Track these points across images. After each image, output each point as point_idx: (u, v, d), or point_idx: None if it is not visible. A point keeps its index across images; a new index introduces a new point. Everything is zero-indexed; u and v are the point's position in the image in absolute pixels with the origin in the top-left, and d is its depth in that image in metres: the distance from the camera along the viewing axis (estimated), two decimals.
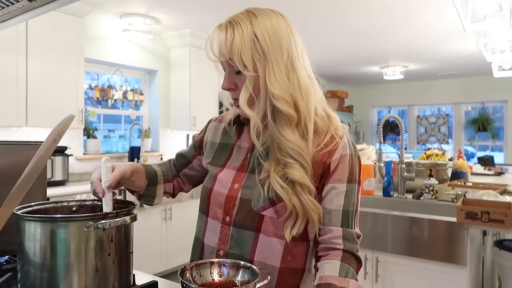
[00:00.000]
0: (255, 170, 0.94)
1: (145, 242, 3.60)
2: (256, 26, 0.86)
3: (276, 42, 0.87)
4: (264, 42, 0.86)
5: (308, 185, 0.87)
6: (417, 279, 2.06)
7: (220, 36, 0.88)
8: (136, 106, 4.59)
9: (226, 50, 0.87)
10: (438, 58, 5.87)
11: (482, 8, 2.76)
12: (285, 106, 0.86)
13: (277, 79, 0.86)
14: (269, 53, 0.86)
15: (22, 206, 0.88)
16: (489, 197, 2.06)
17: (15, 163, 1.13)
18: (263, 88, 0.87)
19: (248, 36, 0.85)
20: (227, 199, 0.94)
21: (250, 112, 0.88)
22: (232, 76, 0.91)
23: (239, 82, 0.90)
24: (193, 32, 4.41)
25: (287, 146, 0.87)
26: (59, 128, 0.86)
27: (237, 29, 0.86)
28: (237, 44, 0.85)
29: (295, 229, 0.88)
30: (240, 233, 0.92)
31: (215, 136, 1.07)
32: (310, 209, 0.87)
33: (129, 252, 0.89)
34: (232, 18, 0.89)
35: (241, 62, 0.85)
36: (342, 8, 3.76)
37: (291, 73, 0.88)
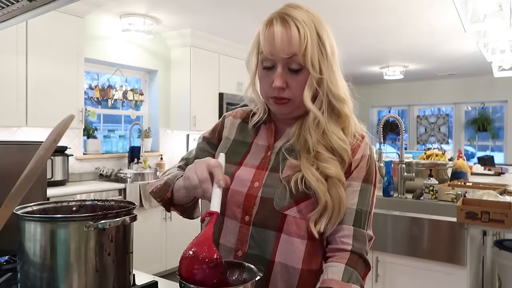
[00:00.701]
0: (277, 168, 0.92)
1: (145, 242, 3.60)
2: (319, 28, 0.88)
3: (332, 44, 0.90)
4: (326, 43, 0.88)
5: (343, 180, 0.88)
6: (417, 279, 2.06)
7: (290, 31, 0.85)
8: (136, 106, 4.59)
9: (297, 47, 0.85)
10: (438, 58, 5.87)
11: (482, 8, 2.76)
12: (343, 106, 0.90)
13: (337, 80, 0.90)
14: (329, 54, 0.88)
15: (22, 206, 0.88)
16: (489, 197, 2.06)
17: (15, 163, 1.13)
18: (324, 88, 0.89)
19: (314, 37, 0.86)
20: (247, 198, 0.92)
21: (314, 107, 0.89)
22: (285, 74, 0.88)
23: (291, 81, 0.88)
24: (193, 32, 4.41)
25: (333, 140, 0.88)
26: (59, 128, 0.86)
27: (303, 27, 0.85)
28: (309, 42, 0.85)
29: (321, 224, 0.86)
30: (261, 233, 0.90)
31: (230, 132, 1.04)
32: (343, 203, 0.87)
33: (129, 252, 0.89)
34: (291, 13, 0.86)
35: (311, 62, 0.85)
36: (342, 8, 3.76)
37: (342, 75, 0.93)
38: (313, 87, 0.88)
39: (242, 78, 5.07)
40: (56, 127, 0.87)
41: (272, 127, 0.99)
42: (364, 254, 0.88)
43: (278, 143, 0.97)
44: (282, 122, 0.99)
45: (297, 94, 0.89)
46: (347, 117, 0.91)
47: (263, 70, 0.91)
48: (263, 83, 0.93)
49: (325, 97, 0.89)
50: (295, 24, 0.85)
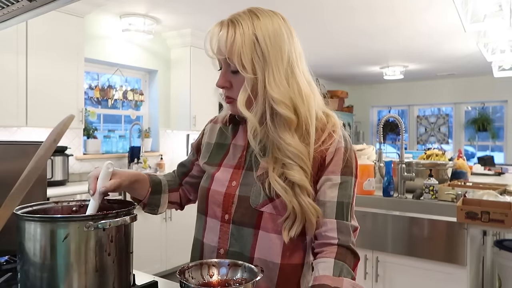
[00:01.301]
0: (252, 167, 0.94)
1: (145, 242, 3.60)
2: (257, 28, 0.87)
3: (277, 46, 0.87)
4: (264, 45, 0.86)
5: (307, 187, 0.88)
6: (417, 279, 2.06)
7: (221, 34, 0.87)
8: (136, 106, 4.59)
9: (226, 49, 0.87)
10: (438, 58, 5.87)
11: (482, 8, 2.76)
12: (285, 110, 0.87)
13: (277, 83, 0.87)
14: (269, 56, 0.86)
15: (22, 206, 0.88)
16: (489, 197, 2.06)
17: (15, 163, 1.13)
18: (262, 91, 0.87)
19: (249, 37, 0.86)
20: (225, 197, 0.94)
21: (248, 113, 0.88)
22: (228, 74, 0.91)
23: (234, 81, 0.91)
24: (193, 32, 4.41)
25: (286, 149, 0.87)
26: (59, 128, 0.86)
27: (239, 28, 0.86)
28: (237, 44, 0.85)
29: (293, 230, 0.88)
30: (240, 230, 0.92)
31: (211, 137, 1.08)
32: (310, 211, 0.87)
33: (129, 252, 0.89)
34: (234, 16, 0.90)
35: (240, 63, 0.86)
36: (343, 8, 3.76)
37: (290, 78, 0.89)
38: (247, 90, 0.87)
39: None
40: (56, 127, 0.87)
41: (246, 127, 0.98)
42: (351, 246, 0.87)
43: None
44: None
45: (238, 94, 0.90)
46: (293, 121, 0.87)
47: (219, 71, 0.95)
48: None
49: (265, 101, 0.88)
50: (227, 26, 0.87)
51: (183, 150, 4.91)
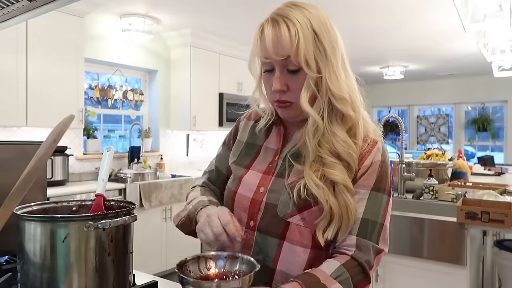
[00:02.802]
0: (283, 173, 0.90)
1: (145, 242, 3.60)
2: (313, 22, 0.83)
3: (332, 39, 0.85)
4: (324, 40, 0.83)
5: (350, 186, 0.83)
6: (417, 279, 2.06)
7: (282, 33, 0.81)
8: (136, 106, 4.59)
9: (289, 47, 0.81)
10: (438, 58, 5.87)
11: (482, 8, 2.76)
12: (346, 107, 0.85)
13: (337, 79, 0.84)
14: (329, 52, 0.84)
15: (22, 206, 0.88)
16: (489, 197, 2.06)
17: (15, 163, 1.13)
18: (324, 88, 0.84)
19: (309, 32, 0.81)
20: (252, 203, 0.90)
21: (313, 111, 0.84)
22: (284, 76, 0.85)
23: (291, 83, 0.85)
24: (193, 32, 4.41)
25: (337, 145, 0.84)
26: (59, 128, 0.86)
27: (298, 25, 0.81)
28: (301, 41, 0.80)
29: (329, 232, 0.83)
30: (264, 239, 0.88)
31: (242, 135, 1.02)
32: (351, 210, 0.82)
33: (129, 252, 0.89)
34: (283, 12, 0.83)
35: (305, 61, 0.81)
36: (343, 8, 3.76)
37: (346, 73, 0.87)
38: (311, 88, 0.83)
39: (242, 78, 5.07)
40: (56, 127, 0.87)
41: (281, 131, 0.96)
42: (364, 263, 0.81)
43: (287, 147, 0.94)
44: (292, 125, 0.95)
45: (299, 96, 0.85)
46: (351, 118, 0.86)
47: (265, 74, 0.88)
48: (266, 87, 0.90)
49: (326, 98, 0.84)
50: (285, 23, 0.81)
51: (183, 150, 4.91)
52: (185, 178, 4.07)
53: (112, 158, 0.97)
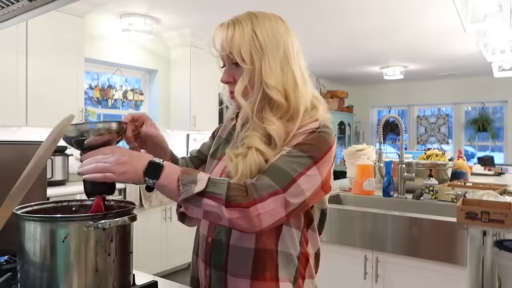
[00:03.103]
0: None
1: (145, 242, 3.60)
2: (256, 25, 0.93)
3: (274, 39, 0.93)
4: (262, 39, 0.92)
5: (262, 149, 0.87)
6: (417, 279, 2.06)
7: (222, 32, 0.94)
8: (136, 106, 4.59)
9: (227, 44, 0.92)
10: (438, 58, 5.87)
11: (482, 8, 2.76)
12: (277, 95, 0.91)
13: (272, 70, 0.91)
14: (266, 48, 0.92)
15: (22, 206, 0.88)
16: (489, 197, 2.06)
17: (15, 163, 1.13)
18: (258, 79, 0.92)
19: (248, 33, 0.92)
20: None
21: (244, 101, 0.92)
22: (231, 70, 0.96)
23: (237, 76, 0.95)
24: (193, 32, 4.41)
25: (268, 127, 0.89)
26: (59, 128, 0.86)
27: (238, 26, 0.92)
28: (237, 39, 0.91)
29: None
30: None
31: (223, 131, 1.13)
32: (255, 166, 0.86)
33: (129, 252, 0.89)
34: (234, 17, 0.96)
35: (240, 56, 0.91)
36: (342, 8, 3.76)
37: (285, 67, 0.93)
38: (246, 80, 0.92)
39: None
40: (56, 127, 0.87)
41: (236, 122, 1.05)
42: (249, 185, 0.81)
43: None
44: None
45: None
46: (283, 106, 0.91)
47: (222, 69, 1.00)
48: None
49: (260, 88, 0.92)
50: (227, 24, 0.94)
51: (183, 150, 4.90)
52: None
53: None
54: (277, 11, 0.99)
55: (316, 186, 0.87)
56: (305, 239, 0.97)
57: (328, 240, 2.26)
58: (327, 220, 1.03)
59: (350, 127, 8.12)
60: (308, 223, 0.98)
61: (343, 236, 2.24)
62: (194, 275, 1.07)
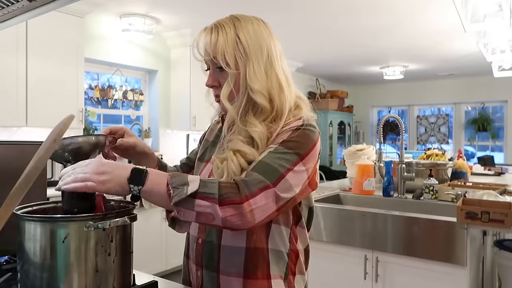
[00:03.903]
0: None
1: (145, 242, 3.60)
2: (239, 29, 0.94)
3: (257, 43, 0.94)
4: (246, 43, 0.93)
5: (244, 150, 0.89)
6: (417, 279, 2.06)
7: (206, 37, 0.95)
8: (136, 106, 4.59)
9: (211, 49, 0.93)
10: (438, 58, 5.87)
11: (482, 8, 2.76)
12: (261, 99, 0.92)
13: (256, 75, 0.93)
14: (250, 52, 0.93)
15: (22, 206, 0.88)
16: (489, 197, 2.06)
17: (15, 163, 1.13)
18: (243, 83, 0.93)
19: (231, 37, 0.93)
20: None
21: (229, 105, 0.94)
22: (215, 74, 0.98)
23: (222, 80, 0.96)
24: (193, 32, 4.41)
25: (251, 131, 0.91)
26: (59, 128, 0.86)
27: (221, 30, 0.93)
28: (220, 44, 0.92)
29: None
30: None
31: (210, 135, 1.15)
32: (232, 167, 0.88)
33: (129, 252, 0.89)
34: (217, 21, 0.96)
35: (224, 60, 0.92)
36: (342, 8, 3.76)
37: (269, 71, 0.95)
38: (231, 84, 0.93)
39: None
40: (56, 127, 0.87)
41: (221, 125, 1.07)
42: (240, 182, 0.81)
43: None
44: None
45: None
46: (267, 110, 0.93)
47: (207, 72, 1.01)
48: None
49: (245, 92, 0.93)
50: (210, 29, 0.95)
51: (183, 150, 4.90)
52: None
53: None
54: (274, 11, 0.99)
55: (303, 181, 0.89)
56: (294, 236, 0.98)
57: (328, 240, 2.26)
58: (327, 220, 1.04)
59: (350, 127, 8.12)
60: (296, 220, 0.99)
61: (343, 236, 2.24)
62: (185, 277, 1.08)
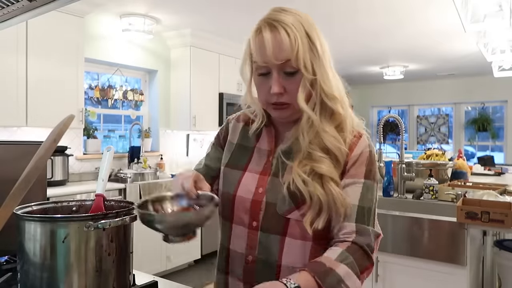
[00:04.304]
0: (278, 172, 0.93)
1: (145, 242, 3.59)
2: (305, 26, 0.87)
3: (322, 42, 0.90)
4: (316, 42, 0.88)
5: (335, 178, 0.87)
6: (417, 279, 2.06)
7: (280, 37, 0.84)
8: (136, 106, 4.59)
9: (289, 52, 0.84)
10: (438, 58, 5.87)
11: (482, 8, 2.76)
12: (336, 105, 0.89)
13: (329, 79, 0.89)
14: (320, 53, 0.88)
15: (22, 206, 0.88)
16: (489, 197, 2.06)
17: (15, 163, 1.13)
18: (316, 88, 0.88)
19: (304, 36, 0.86)
20: (253, 204, 0.93)
21: (310, 111, 0.88)
22: (281, 79, 0.88)
23: (288, 85, 0.88)
24: (193, 32, 4.41)
25: (326, 140, 0.88)
26: (59, 128, 0.86)
27: (290, 29, 0.85)
28: (300, 45, 0.85)
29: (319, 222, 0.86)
30: (267, 237, 0.91)
31: (233, 136, 1.04)
32: (338, 199, 0.85)
33: (129, 252, 0.89)
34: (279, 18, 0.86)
35: (304, 64, 0.85)
36: (342, 8, 3.76)
37: (334, 73, 0.91)
38: (306, 88, 0.87)
39: None
40: (56, 127, 0.87)
41: (272, 131, 0.99)
42: (365, 247, 0.85)
43: (280, 147, 0.96)
44: (282, 125, 0.98)
45: (295, 97, 0.88)
46: (340, 115, 0.91)
47: (259, 77, 0.90)
48: (260, 90, 0.92)
49: (318, 97, 0.89)
50: (283, 28, 0.85)
51: (183, 150, 4.91)
52: None
53: (112, 158, 0.97)
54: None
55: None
56: None
57: None
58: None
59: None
60: None
61: None
62: None
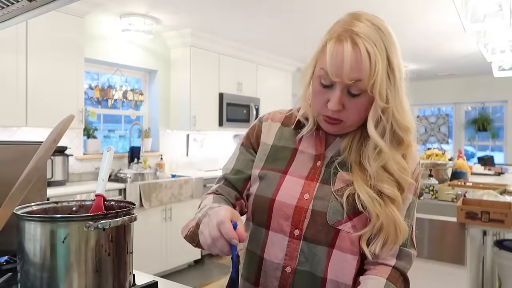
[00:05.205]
0: (329, 180, 0.87)
1: (145, 242, 3.60)
2: (388, 48, 0.81)
3: (401, 68, 0.83)
4: (395, 69, 0.81)
5: (399, 201, 0.82)
6: (417, 279, 2.06)
7: (360, 57, 0.77)
8: (136, 106, 4.59)
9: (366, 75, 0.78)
10: (438, 58, 5.87)
11: (482, 8, 2.76)
12: (407, 136, 0.84)
13: (403, 108, 0.83)
14: (398, 80, 0.82)
15: (22, 206, 0.88)
16: (489, 197, 2.06)
17: (15, 163, 1.13)
18: (389, 116, 0.82)
19: (384, 60, 0.79)
20: (297, 211, 0.86)
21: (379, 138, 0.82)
22: (343, 97, 0.81)
23: (349, 104, 0.82)
24: (193, 32, 4.41)
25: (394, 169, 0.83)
26: (59, 128, 0.86)
27: (375, 50, 0.78)
28: (379, 72, 0.78)
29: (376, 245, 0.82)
30: (312, 248, 0.85)
31: (268, 137, 0.97)
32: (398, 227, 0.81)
33: (129, 252, 0.89)
34: (363, 32, 0.79)
35: (379, 92, 0.79)
36: (341, 8, 3.76)
37: (407, 100, 0.85)
38: (377, 115, 0.81)
39: (242, 78, 5.07)
40: (56, 127, 0.87)
41: (321, 136, 0.93)
42: (406, 273, 0.84)
43: (328, 153, 0.91)
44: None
45: (352, 117, 0.83)
46: (410, 146, 0.85)
47: (320, 87, 0.84)
48: (317, 99, 0.85)
49: (389, 125, 0.83)
50: (365, 46, 0.77)
51: (183, 150, 4.91)
52: (185, 178, 4.07)
53: (112, 158, 0.97)
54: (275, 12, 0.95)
55: None
56: None
57: None
58: None
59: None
60: None
61: None
62: None
